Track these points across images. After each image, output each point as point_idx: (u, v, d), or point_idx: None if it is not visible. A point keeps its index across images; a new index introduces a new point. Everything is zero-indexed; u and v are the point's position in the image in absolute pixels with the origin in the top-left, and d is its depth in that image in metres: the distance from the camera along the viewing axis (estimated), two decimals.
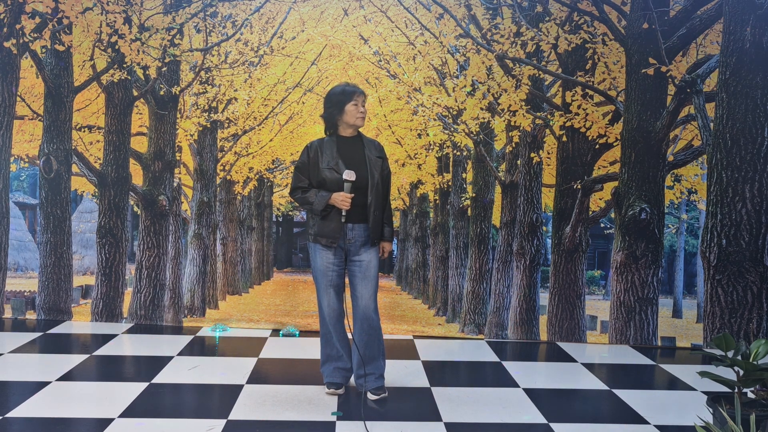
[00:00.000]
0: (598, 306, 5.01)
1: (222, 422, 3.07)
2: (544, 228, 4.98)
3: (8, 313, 5.09)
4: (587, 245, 4.89)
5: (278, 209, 5.41)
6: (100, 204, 5.08)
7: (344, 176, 3.24)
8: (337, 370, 3.50)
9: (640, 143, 4.70)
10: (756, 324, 4.59)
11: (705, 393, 3.61)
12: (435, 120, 5.04)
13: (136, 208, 5.15)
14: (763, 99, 4.51)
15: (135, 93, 5.06)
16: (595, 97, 4.82)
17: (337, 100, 3.32)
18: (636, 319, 4.75)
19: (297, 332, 4.84)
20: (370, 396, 3.39)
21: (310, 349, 4.44)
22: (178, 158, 5.14)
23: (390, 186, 3.48)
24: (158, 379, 3.70)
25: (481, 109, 4.93)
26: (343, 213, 3.27)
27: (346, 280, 3.48)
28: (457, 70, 5.00)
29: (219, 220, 5.23)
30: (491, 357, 4.41)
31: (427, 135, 5.09)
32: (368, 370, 3.40)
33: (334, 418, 3.15)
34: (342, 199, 3.24)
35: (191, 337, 4.71)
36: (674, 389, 3.83)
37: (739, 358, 2.83)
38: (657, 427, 3.16)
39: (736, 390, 2.78)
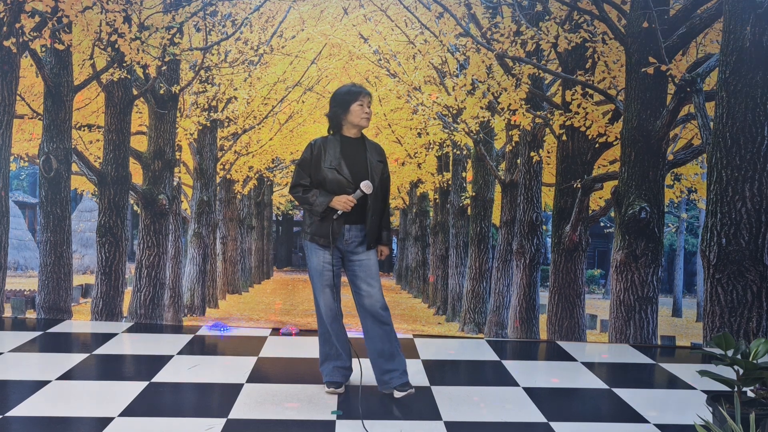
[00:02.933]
0: (597, 305, 5.01)
1: (222, 421, 3.07)
2: (544, 227, 4.98)
3: (8, 312, 5.09)
4: (587, 244, 4.88)
5: (278, 208, 5.41)
6: (99, 203, 5.08)
7: (362, 186, 3.24)
8: (336, 369, 3.50)
9: (639, 142, 4.70)
10: (756, 323, 4.59)
11: (705, 392, 3.62)
12: (435, 119, 5.04)
13: (135, 207, 5.15)
14: (763, 98, 4.51)
15: (135, 92, 5.05)
16: (594, 96, 4.82)
17: (342, 100, 3.31)
18: (636, 318, 4.75)
19: (296, 330, 4.85)
20: (396, 394, 3.37)
21: (310, 348, 4.45)
22: (177, 157, 5.13)
23: (389, 190, 3.50)
24: (158, 378, 3.70)
25: (481, 108, 4.93)
26: (339, 213, 3.27)
27: (344, 279, 3.48)
28: (457, 69, 5.00)
29: (219, 219, 5.23)
30: (491, 356, 4.41)
31: (426, 135, 5.09)
32: (390, 366, 3.38)
33: (333, 417, 3.15)
34: (344, 202, 3.23)
35: (191, 336, 4.71)
36: (674, 388, 3.84)
37: (739, 357, 2.83)
38: (657, 425, 3.16)
39: (735, 389, 2.78)
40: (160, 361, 4.04)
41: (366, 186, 3.25)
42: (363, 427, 3.03)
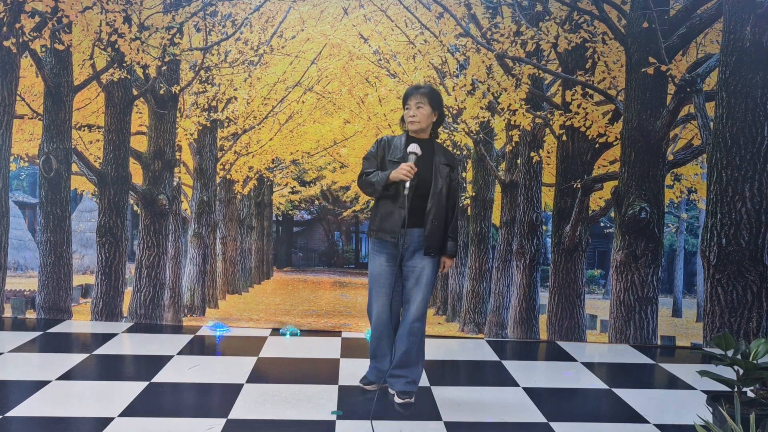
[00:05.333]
0: (597, 305, 5.01)
1: (222, 421, 3.07)
2: (544, 227, 4.98)
3: (8, 313, 5.09)
4: (587, 244, 4.88)
5: (278, 208, 5.41)
6: (99, 203, 5.08)
7: (409, 148, 3.17)
8: (374, 368, 3.52)
9: (639, 142, 4.70)
10: (756, 323, 4.59)
11: (705, 392, 3.62)
12: None
13: (135, 207, 5.15)
14: (763, 98, 4.51)
15: (135, 92, 5.05)
16: (595, 97, 4.82)
17: (403, 105, 3.32)
18: (636, 319, 4.75)
19: (298, 332, 4.85)
20: (396, 399, 3.38)
21: (310, 348, 4.45)
22: (177, 157, 5.13)
23: (457, 198, 3.36)
24: (158, 378, 3.70)
25: (481, 108, 4.93)
26: (407, 186, 3.12)
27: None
28: (457, 69, 5.00)
29: (219, 219, 5.23)
30: (491, 356, 4.41)
31: None
32: (402, 372, 3.39)
33: (333, 417, 3.15)
34: (401, 170, 3.12)
35: (191, 336, 4.71)
36: (674, 388, 3.84)
37: (739, 357, 2.83)
38: (657, 426, 3.16)
39: (735, 389, 2.78)
40: (160, 361, 4.04)
41: (413, 147, 3.17)
42: (371, 427, 3.03)
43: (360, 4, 4.97)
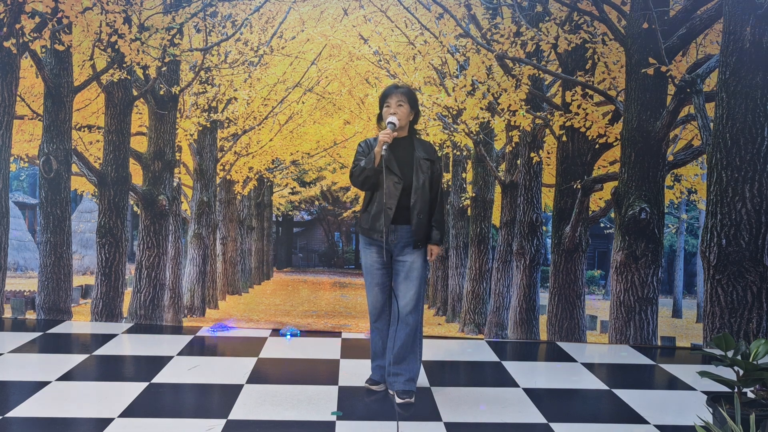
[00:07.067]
0: (597, 306, 5.01)
1: (222, 422, 3.07)
2: (544, 228, 4.98)
3: (8, 313, 5.09)
4: (587, 245, 4.88)
5: (278, 209, 5.41)
6: (99, 204, 5.08)
7: (388, 119, 3.26)
8: (377, 367, 3.56)
9: (639, 143, 4.70)
10: (756, 324, 4.59)
11: (705, 393, 3.62)
12: (434, 120, 5.04)
13: (135, 208, 5.15)
14: (763, 99, 4.51)
15: (135, 93, 5.05)
16: (595, 97, 4.82)
17: (380, 102, 3.39)
18: (636, 319, 4.75)
19: (298, 332, 4.85)
20: (396, 399, 3.38)
21: (310, 349, 4.45)
22: (177, 158, 5.13)
23: (440, 189, 3.43)
24: (158, 378, 3.70)
25: (481, 108, 4.93)
26: (384, 148, 3.19)
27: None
28: (456, 69, 5.00)
29: (219, 219, 5.23)
30: (491, 357, 4.41)
31: (426, 135, 5.09)
32: (398, 370, 3.40)
33: (334, 418, 3.15)
34: (382, 135, 3.20)
35: (191, 336, 4.71)
36: (674, 389, 3.84)
37: (739, 357, 2.83)
38: (657, 426, 3.16)
39: (735, 390, 2.78)
40: (160, 361, 4.04)
41: (393, 118, 3.27)
42: (397, 428, 3.03)
43: (360, 5, 4.97)
